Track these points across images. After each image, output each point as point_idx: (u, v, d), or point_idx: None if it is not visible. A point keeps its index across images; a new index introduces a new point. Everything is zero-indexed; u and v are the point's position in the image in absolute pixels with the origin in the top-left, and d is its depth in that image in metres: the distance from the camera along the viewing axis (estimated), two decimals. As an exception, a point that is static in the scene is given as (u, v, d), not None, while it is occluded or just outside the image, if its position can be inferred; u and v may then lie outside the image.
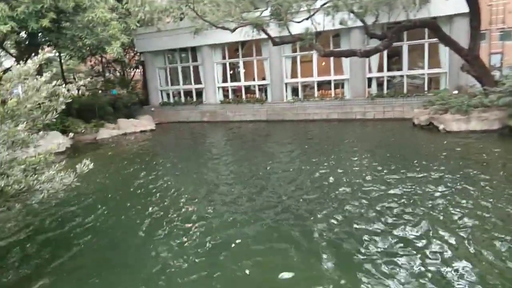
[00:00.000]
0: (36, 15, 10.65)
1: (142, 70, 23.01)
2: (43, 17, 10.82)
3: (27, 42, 14.29)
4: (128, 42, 13.65)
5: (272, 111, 18.14)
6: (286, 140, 13.34)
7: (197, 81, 20.37)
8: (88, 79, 6.28)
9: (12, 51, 17.71)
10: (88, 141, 15.10)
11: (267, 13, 12.49)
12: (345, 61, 16.77)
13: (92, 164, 5.15)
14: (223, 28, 12.54)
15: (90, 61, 24.46)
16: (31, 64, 4.64)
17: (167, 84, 21.39)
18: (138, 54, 22.22)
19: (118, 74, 25.91)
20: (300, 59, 17.77)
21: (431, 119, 12.30)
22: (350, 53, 13.65)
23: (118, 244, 5.39)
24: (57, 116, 5.30)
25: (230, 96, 19.80)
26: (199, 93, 20.50)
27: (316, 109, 17.25)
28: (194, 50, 20.09)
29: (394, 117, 15.45)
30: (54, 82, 5.25)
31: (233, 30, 12.67)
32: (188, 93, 20.88)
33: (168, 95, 21.41)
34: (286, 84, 18.13)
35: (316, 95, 17.69)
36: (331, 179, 7.74)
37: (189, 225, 5.85)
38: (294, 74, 18.09)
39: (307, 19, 12.19)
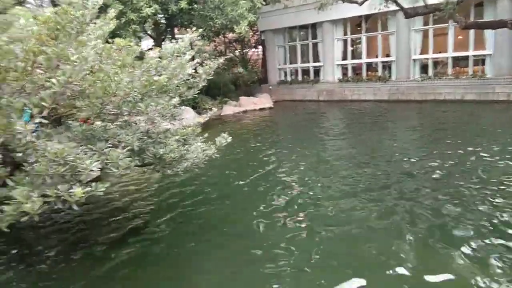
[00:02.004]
0: (176, -2, 11.67)
1: (262, 49, 23.51)
2: (181, -1, 11.78)
3: (164, 24, 15.68)
4: (254, 21, 13.97)
5: (396, 90, 16.88)
6: (412, 122, 12.29)
7: (316, 59, 20.03)
8: (222, 58, 6.49)
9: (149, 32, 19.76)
10: (214, 117, 16.15)
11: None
12: (489, 34, 14.56)
13: (230, 138, 5.41)
14: (350, 1, 11.90)
15: (214, 41, 25.94)
16: (182, 42, 4.98)
17: (285, 62, 21.52)
18: (258, 33, 22.70)
19: (237, 53, 27.03)
20: (433, 33, 16.04)
21: None
22: (499, 24, 11.65)
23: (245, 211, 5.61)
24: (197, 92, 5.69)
25: (349, 74, 19.01)
26: (317, 72, 20.17)
27: (448, 88, 15.48)
28: (314, 27, 19.71)
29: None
30: (195, 60, 5.61)
31: (361, 3, 11.93)
32: (305, 72, 20.72)
33: (285, 73, 21.56)
34: (414, 60, 16.61)
35: (450, 72, 15.84)
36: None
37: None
38: (424, 50, 16.43)
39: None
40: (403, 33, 16.47)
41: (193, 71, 5.49)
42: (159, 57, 4.82)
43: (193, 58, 5.47)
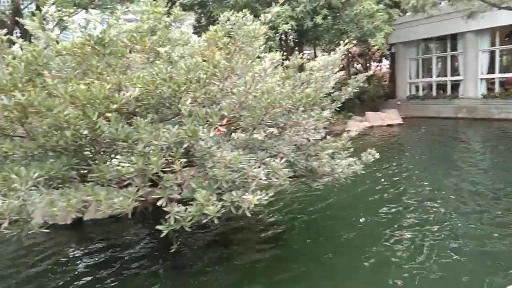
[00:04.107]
0: (311, 13, 11.84)
1: (390, 62, 22.42)
2: (316, 14, 11.92)
3: (295, 39, 16.05)
4: (390, 33, 13.35)
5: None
6: None
7: (454, 72, 18.20)
8: (342, 72, 6.21)
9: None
10: (338, 132, 15.82)
11: None
12: None
13: (378, 154, 5.12)
14: (509, 8, 10.50)
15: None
16: (336, 54, 4.91)
17: (417, 76, 20.07)
18: (387, 45, 21.69)
19: (360, 67, 26.24)
20: None
21: None
22: None
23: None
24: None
25: (497, 89, 16.74)
26: (455, 86, 18.28)
27: None
28: (454, 38, 17.99)
29: None
30: (339, 73, 5.48)
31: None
32: (440, 86, 18.98)
33: (417, 88, 20.08)
34: None
35: None
36: None
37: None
38: None
39: None
40: None
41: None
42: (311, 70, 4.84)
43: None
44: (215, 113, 3.10)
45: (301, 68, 4.67)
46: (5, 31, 3.85)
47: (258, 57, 4.97)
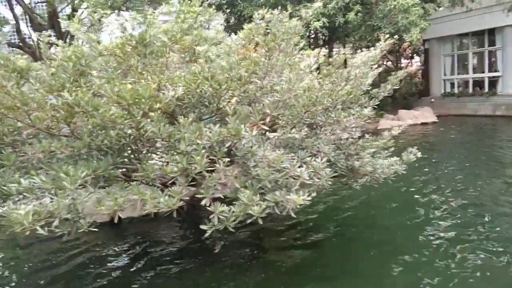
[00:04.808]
0: (343, 10, 11.62)
1: (423, 59, 21.72)
2: (348, 10, 11.68)
3: (325, 37, 15.78)
4: (426, 28, 12.88)
5: None
6: None
7: (492, 68, 17.44)
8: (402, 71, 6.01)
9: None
10: (370, 130, 15.46)
11: None
12: None
13: (420, 153, 4.93)
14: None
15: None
16: (377, 50, 4.76)
17: (452, 73, 19.37)
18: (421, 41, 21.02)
19: (390, 64, 25.55)
20: None
21: None
22: None
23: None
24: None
25: (539, 85, 15.93)
26: (492, 82, 17.52)
27: None
28: (492, 32, 17.22)
29: None
30: (376, 70, 5.30)
31: None
32: (477, 83, 18.23)
33: (452, 85, 19.38)
34: None
35: None
36: None
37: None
38: None
39: None
40: None
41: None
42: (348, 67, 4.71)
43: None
44: (257, 111, 3.04)
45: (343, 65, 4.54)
46: (49, 32, 3.94)
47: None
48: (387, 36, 5.28)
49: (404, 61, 26.00)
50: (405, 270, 4.16)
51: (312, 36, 16.47)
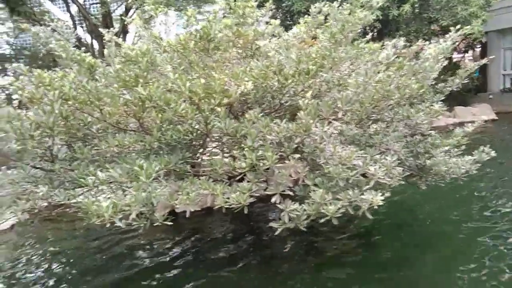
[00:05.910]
0: (398, 2, 11.12)
1: (480, 52, 20.39)
2: (404, 2, 11.15)
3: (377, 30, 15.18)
4: (487, 19, 12.05)
5: None
6: None
7: (561, 61, 16.06)
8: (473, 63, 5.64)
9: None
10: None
11: None
12: None
13: (494, 151, 4.57)
14: None
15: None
16: (448, 42, 4.46)
17: (513, 67, 18.07)
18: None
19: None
20: None
21: None
22: None
23: None
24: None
25: None
26: (561, 78, 16.14)
27: None
28: (561, 22, 15.85)
29: None
30: (441, 64, 4.97)
31: None
32: (543, 78, 16.88)
33: (512, 80, 18.09)
34: None
35: None
36: None
37: None
38: None
39: None
40: None
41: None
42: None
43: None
44: (328, 106, 2.91)
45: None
46: (116, 30, 4.04)
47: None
48: (457, 27, 4.93)
49: (456, 56, 24.55)
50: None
51: (360, 30, 15.85)
